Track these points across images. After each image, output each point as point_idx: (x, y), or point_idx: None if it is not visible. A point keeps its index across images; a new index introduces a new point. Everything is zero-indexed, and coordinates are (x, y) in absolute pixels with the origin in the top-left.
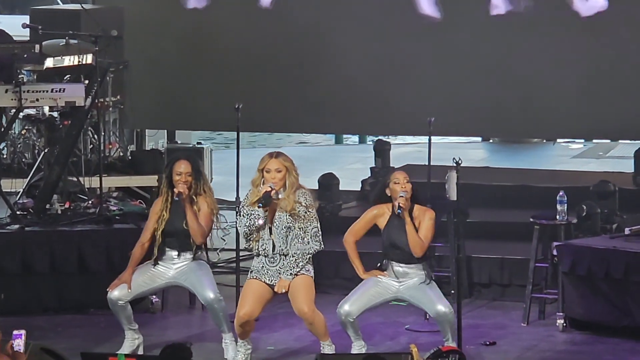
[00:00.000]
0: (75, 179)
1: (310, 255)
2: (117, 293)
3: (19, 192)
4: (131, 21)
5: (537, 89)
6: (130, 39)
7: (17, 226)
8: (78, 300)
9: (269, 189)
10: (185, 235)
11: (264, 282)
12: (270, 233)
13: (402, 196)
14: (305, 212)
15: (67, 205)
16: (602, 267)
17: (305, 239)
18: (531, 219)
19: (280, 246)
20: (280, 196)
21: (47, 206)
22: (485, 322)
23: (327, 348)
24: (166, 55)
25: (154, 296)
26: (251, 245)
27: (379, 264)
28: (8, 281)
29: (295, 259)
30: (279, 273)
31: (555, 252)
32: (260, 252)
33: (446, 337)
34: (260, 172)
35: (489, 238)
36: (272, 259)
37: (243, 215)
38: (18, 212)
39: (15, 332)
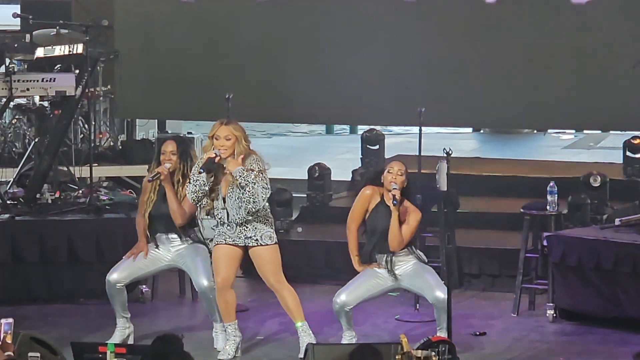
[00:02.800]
0: (65, 168)
1: (267, 211)
2: (116, 276)
3: (9, 181)
4: (122, 11)
5: (528, 79)
6: (121, 29)
7: (7, 215)
8: (68, 289)
9: (213, 155)
10: (170, 217)
11: (228, 244)
12: (224, 202)
13: (395, 188)
14: (256, 177)
15: (57, 195)
16: (592, 258)
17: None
18: (521, 210)
19: (233, 215)
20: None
21: (38, 196)
22: (475, 312)
23: (303, 330)
24: (156, 45)
25: (144, 286)
26: (207, 212)
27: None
28: None
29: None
30: (239, 238)
31: (545, 243)
32: (217, 221)
33: (440, 327)
34: (211, 140)
35: (479, 228)
36: (229, 226)
37: (190, 182)
38: (8, 202)
39: (2, 320)
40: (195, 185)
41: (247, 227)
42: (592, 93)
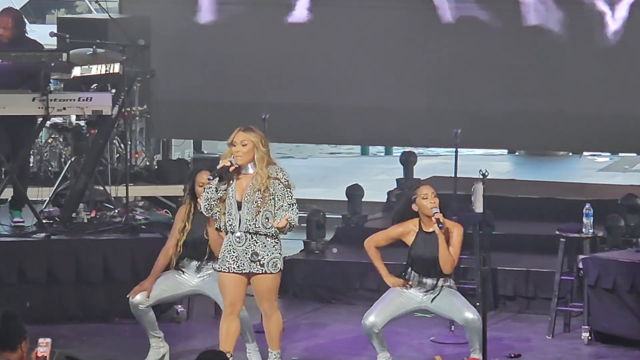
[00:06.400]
0: (101, 188)
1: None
2: (139, 297)
3: (45, 200)
4: (158, 30)
5: (564, 101)
6: (157, 49)
7: (43, 235)
8: (103, 309)
9: (229, 163)
10: (204, 245)
11: (233, 272)
12: (239, 208)
13: (437, 212)
14: (283, 190)
15: (93, 214)
16: (627, 281)
17: (293, 211)
18: (557, 232)
19: (247, 223)
20: (250, 171)
21: (73, 215)
22: (510, 334)
23: (277, 358)
24: (193, 65)
25: (179, 306)
26: (218, 225)
27: (403, 273)
28: (33, 289)
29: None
30: (246, 253)
31: (581, 265)
32: (227, 229)
33: (473, 348)
34: (229, 147)
35: (515, 250)
36: (238, 239)
37: (205, 190)
38: (44, 221)
39: (40, 340)
40: (208, 193)
41: (257, 241)
42: (628, 116)
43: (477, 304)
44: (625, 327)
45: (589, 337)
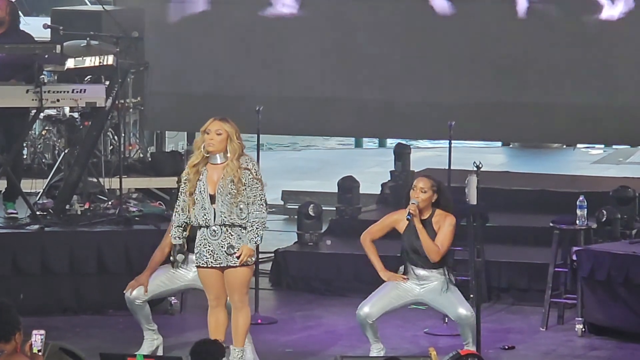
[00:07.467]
0: (95, 179)
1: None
2: (135, 292)
3: (39, 192)
4: (152, 22)
5: (557, 94)
6: (151, 41)
7: (36, 226)
8: (97, 301)
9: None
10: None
11: (211, 267)
12: (212, 202)
13: (413, 203)
14: (252, 180)
15: (86, 206)
16: (621, 273)
17: (261, 207)
18: (551, 224)
19: (222, 215)
20: (219, 161)
21: (67, 207)
22: (504, 326)
23: (240, 357)
24: (186, 57)
25: (173, 298)
26: (187, 219)
27: (399, 267)
28: (27, 281)
29: (256, 228)
30: (222, 247)
31: (574, 257)
32: (201, 223)
33: (466, 341)
34: (202, 134)
35: (509, 242)
36: (213, 232)
37: (177, 212)
38: (38, 213)
39: (34, 332)
40: (173, 234)
41: (232, 234)
42: (622, 108)
43: (471, 295)
44: (618, 319)
45: (583, 329)
